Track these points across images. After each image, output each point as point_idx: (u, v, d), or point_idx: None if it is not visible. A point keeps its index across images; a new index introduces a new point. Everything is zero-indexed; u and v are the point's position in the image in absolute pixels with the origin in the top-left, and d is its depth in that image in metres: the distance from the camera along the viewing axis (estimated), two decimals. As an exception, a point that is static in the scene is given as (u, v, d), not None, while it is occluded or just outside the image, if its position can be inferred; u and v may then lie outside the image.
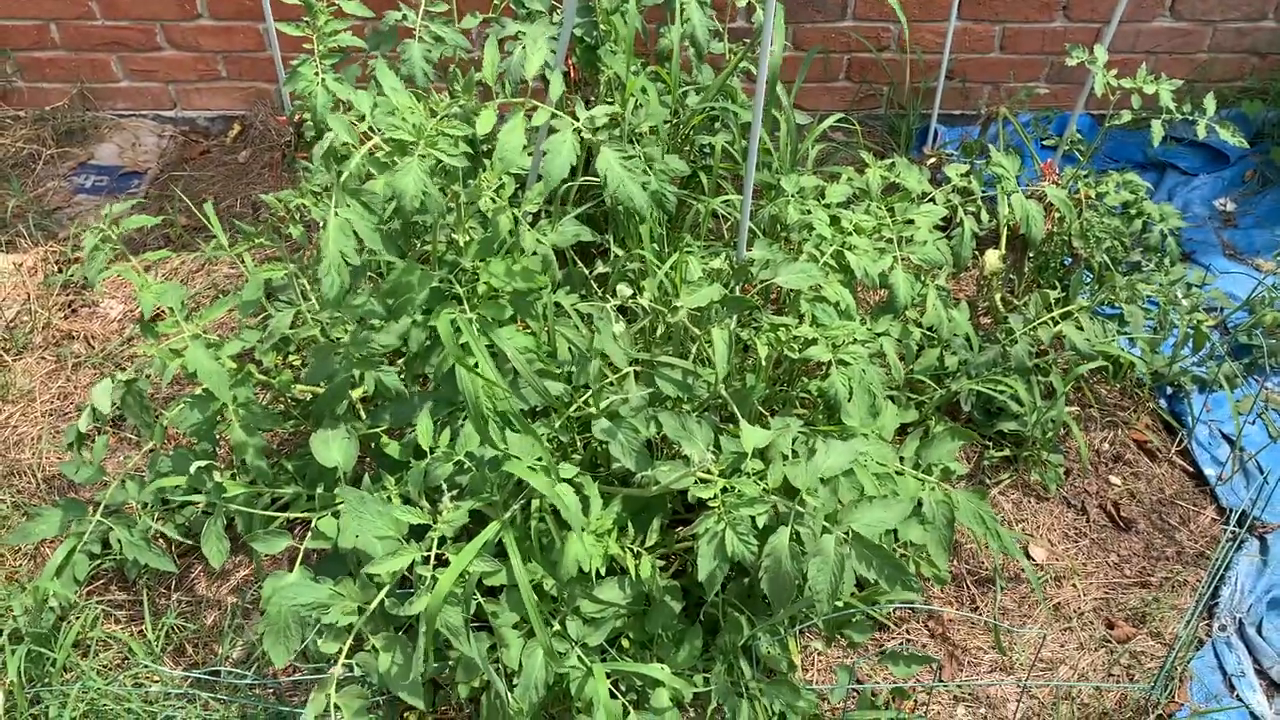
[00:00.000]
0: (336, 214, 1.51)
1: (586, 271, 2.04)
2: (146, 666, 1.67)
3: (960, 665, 1.86)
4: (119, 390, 1.75)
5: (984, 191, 2.13)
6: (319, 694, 1.42)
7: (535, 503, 1.61)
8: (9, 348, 2.37)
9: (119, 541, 1.77)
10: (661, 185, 1.94)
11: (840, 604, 1.77)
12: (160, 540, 1.85)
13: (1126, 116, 2.13)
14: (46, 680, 1.69)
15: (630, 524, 1.68)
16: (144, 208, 2.75)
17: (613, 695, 1.55)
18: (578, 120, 1.70)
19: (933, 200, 2.07)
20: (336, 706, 1.39)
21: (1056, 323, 2.10)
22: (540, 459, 1.55)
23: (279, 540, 1.52)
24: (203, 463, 1.61)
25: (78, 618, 1.78)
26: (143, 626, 1.84)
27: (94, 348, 2.39)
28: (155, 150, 2.97)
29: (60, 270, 2.56)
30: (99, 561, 1.85)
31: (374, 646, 1.49)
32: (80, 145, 2.96)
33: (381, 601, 1.48)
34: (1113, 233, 2.22)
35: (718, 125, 2.14)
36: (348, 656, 1.46)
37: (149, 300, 1.72)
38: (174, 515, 1.90)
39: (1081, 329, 2.09)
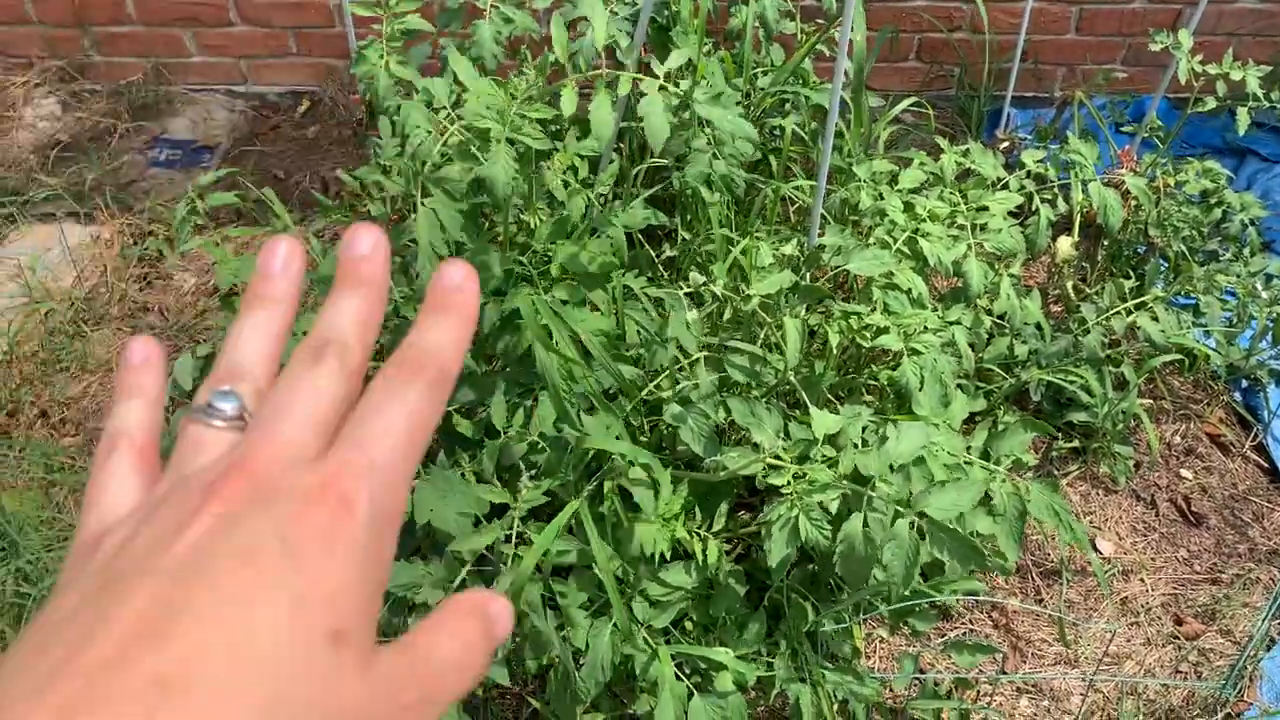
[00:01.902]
0: (423, 204, 1.53)
1: (653, 255, 2.04)
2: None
3: (1024, 657, 1.85)
4: (198, 364, 1.79)
5: (1059, 178, 2.09)
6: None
7: (606, 485, 1.62)
8: (87, 318, 2.43)
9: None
10: (731, 169, 1.94)
11: (906, 593, 1.77)
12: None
13: (1211, 103, 2.08)
14: (127, 644, 1.74)
15: (698, 508, 1.69)
16: (216, 182, 2.80)
17: (676, 677, 1.56)
18: (657, 77, 1.68)
19: (1006, 186, 2.04)
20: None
21: (1130, 313, 2.06)
22: (619, 438, 1.56)
23: (355, 516, 1.55)
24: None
25: (156, 584, 1.84)
26: (217, 594, 1.89)
27: (169, 320, 2.44)
28: (226, 125, 3.02)
29: (136, 243, 2.61)
30: (176, 530, 1.90)
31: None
32: (154, 119, 3.01)
33: (464, 578, 1.51)
34: (1191, 222, 2.17)
35: (788, 107, 2.13)
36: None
37: (227, 275, 1.75)
38: (248, 486, 1.94)
39: (1156, 320, 2.05)
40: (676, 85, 1.68)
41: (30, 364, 2.28)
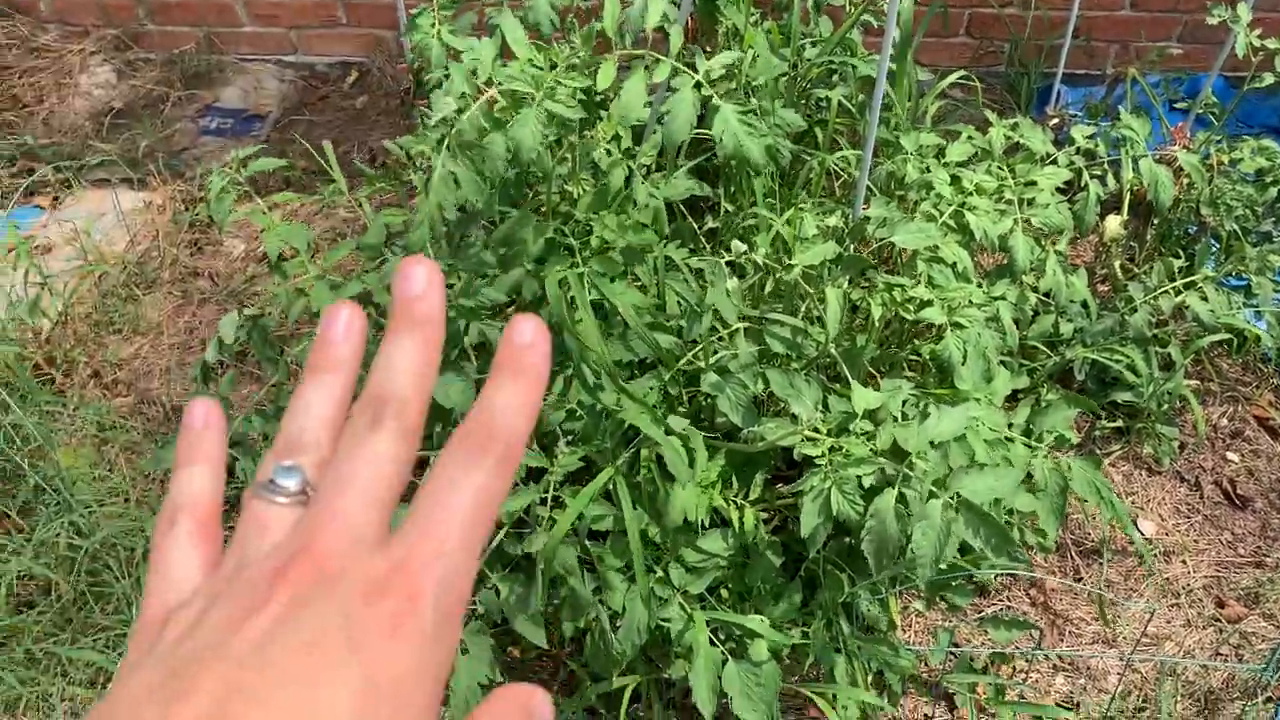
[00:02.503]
0: (442, 166, 1.54)
1: (695, 226, 2.04)
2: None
3: (1061, 635, 1.84)
4: (245, 326, 1.82)
5: (1109, 154, 2.06)
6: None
7: (643, 453, 1.63)
8: (139, 282, 2.48)
9: (244, 471, 1.85)
10: (776, 139, 1.93)
11: (943, 568, 1.77)
12: (280, 472, 1.93)
13: (1269, 80, 2.04)
14: (175, 598, 1.79)
15: (735, 477, 1.70)
16: (265, 150, 2.83)
17: (711, 644, 1.58)
18: (697, 73, 1.69)
19: (1055, 162, 2.02)
20: (463, 643, 1.45)
21: (1179, 292, 2.03)
22: (655, 405, 1.57)
23: (399, 476, 1.58)
24: (327, 399, 1.67)
25: (204, 541, 1.88)
26: (262, 553, 1.93)
27: (218, 285, 2.48)
28: (276, 94, 3.06)
29: (187, 209, 2.66)
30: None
31: (495, 586, 1.56)
32: (206, 88, 3.05)
33: (499, 540, 1.54)
34: (1245, 201, 2.13)
35: (835, 79, 2.11)
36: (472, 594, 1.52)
37: (275, 242, 1.78)
38: (293, 448, 1.98)
39: (1206, 300, 2.02)
40: (713, 85, 1.68)
41: (84, 325, 2.33)
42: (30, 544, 1.80)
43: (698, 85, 1.67)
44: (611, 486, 1.56)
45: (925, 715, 1.75)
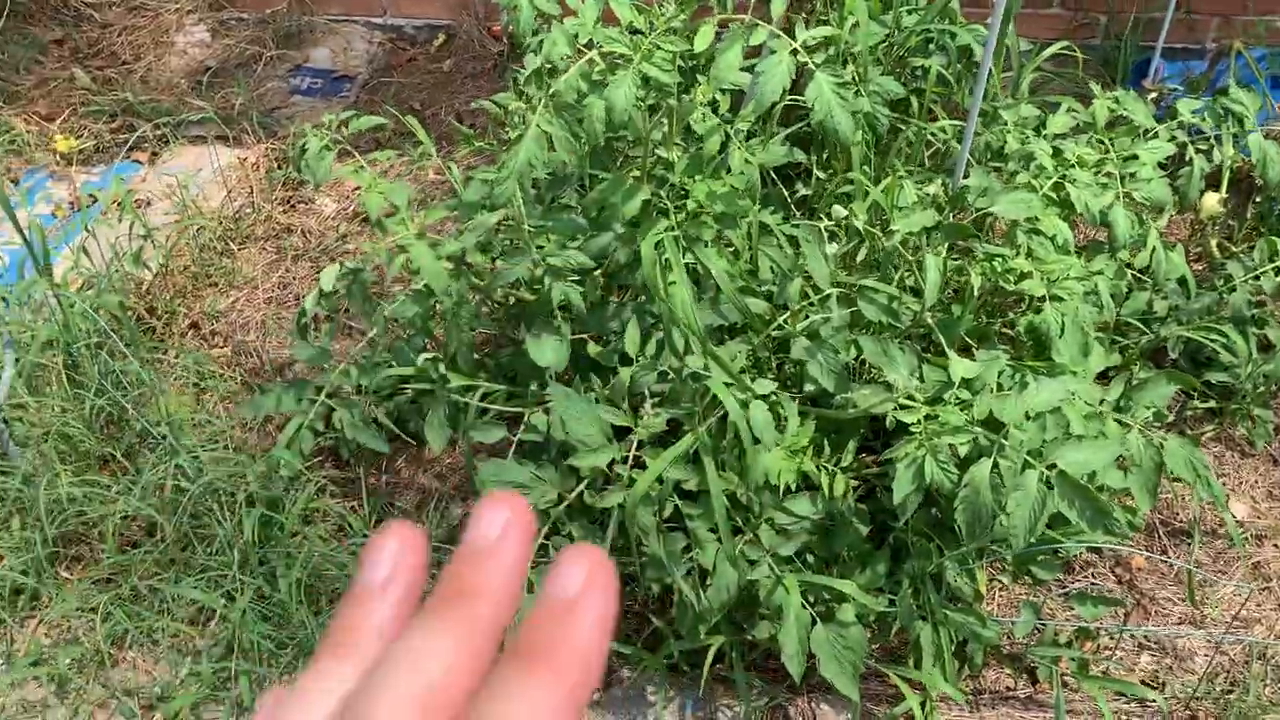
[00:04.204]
0: (537, 125, 1.55)
1: (786, 193, 2.04)
2: (366, 536, 1.80)
3: (1147, 614, 1.83)
4: (345, 279, 1.86)
5: (1212, 130, 2.02)
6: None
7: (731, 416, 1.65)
8: (235, 237, 2.54)
9: (340, 421, 1.90)
10: (875, 107, 1.92)
11: (1025, 545, 1.76)
12: (374, 424, 1.98)
13: (1386, 54, 1.97)
14: (274, 542, 1.85)
15: (826, 444, 1.70)
16: (354, 116, 2.88)
17: (801, 605, 1.59)
18: (795, 41, 1.69)
19: (1156, 136, 1.98)
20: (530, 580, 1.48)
21: (1281, 272, 1.99)
22: (743, 371, 1.58)
23: (496, 430, 1.61)
24: (430, 355, 1.71)
25: (300, 489, 1.93)
26: (354, 502, 1.98)
27: (310, 242, 2.54)
28: (365, 56, 3.10)
29: (280, 167, 2.71)
30: (318, 439, 1.99)
31: (570, 533, 1.58)
32: (297, 48, 3.10)
33: (581, 493, 1.56)
34: (1354, 180, 2.07)
35: (933, 47, 2.09)
36: (545, 538, 1.56)
37: (376, 200, 1.81)
38: (385, 402, 2.02)
39: (1309, 280, 1.98)
40: (810, 55, 1.67)
41: (183, 277, 2.40)
42: (137, 486, 1.87)
43: (794, 52, 1.67)
44: (696, 449, 1.58)
45: (1007, 687, 1.75)
